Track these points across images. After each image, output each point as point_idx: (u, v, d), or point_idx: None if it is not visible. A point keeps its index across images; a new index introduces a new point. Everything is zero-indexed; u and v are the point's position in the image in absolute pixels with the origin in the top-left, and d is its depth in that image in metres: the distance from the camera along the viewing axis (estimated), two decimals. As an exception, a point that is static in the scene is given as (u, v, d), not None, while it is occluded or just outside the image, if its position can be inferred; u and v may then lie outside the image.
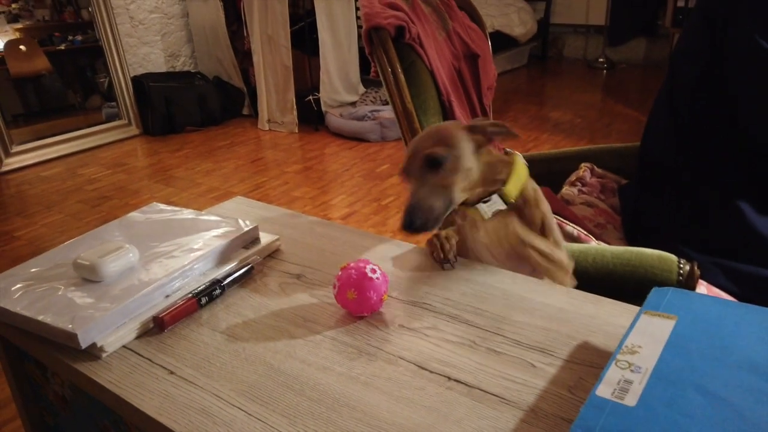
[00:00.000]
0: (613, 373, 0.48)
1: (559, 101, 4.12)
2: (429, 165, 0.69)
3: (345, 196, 2.79)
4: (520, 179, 0.75)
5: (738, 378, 0.46)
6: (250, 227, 0.78)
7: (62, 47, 3.91)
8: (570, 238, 1.06)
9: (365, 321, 0.64)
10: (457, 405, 0.51)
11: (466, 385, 0.54)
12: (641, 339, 0.51)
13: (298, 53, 3.66)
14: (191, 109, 3.85)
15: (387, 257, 0.77)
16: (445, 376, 0.55)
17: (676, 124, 1.06)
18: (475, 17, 1.48)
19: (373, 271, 0.64)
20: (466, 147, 0.71)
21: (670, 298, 0.56)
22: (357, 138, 3.51)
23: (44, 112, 4.04)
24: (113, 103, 3.89)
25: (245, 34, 3.73)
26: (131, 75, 3.80)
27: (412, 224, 0.67)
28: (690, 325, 0.52)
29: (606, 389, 0.46)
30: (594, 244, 1.03)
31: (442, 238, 0.74)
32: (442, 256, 0.74)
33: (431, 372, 0.56)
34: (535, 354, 0.57)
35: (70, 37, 3.92)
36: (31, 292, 0.65)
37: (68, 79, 4.19)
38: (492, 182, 0.74)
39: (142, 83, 3.74)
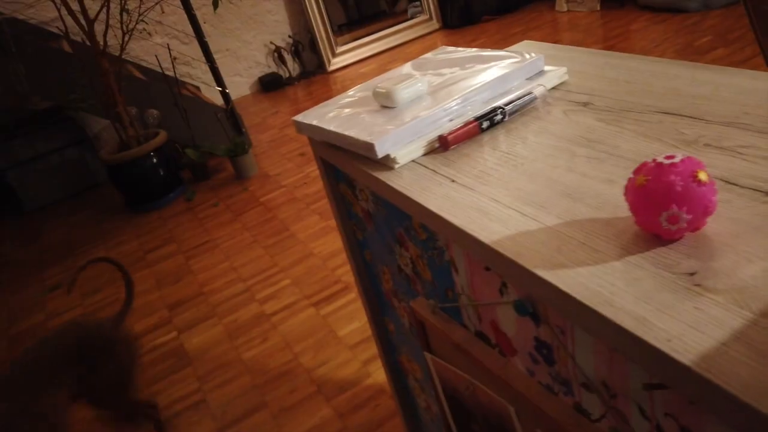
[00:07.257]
0: None
1: None
2: None
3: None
4: None
5: None
6: (535, 58, 0.75)
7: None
8: None
9: (661, 142, 0.57)
10: (773, 218, 0.42)
11: (791, 200, 0.44)
12: None
13: None
14: (488, -3, 3.82)
15: (718, 83, 0.65)
16: (761, 191, 0.46)
17: None
18: None
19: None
20: None
21: None
22: (671, 9, 3.03)
23: (361, 20, 4.50)
24: (417, 2, 4.10)
25: None
26: (432, -31, 3.92)
27: None
28: None
29: None
30: None
31: None
32: None
33: (741, 187, 0.47)
34: None
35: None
36: (339, 116, 0.75)
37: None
38: None
39: (441, -24, 3.83)
